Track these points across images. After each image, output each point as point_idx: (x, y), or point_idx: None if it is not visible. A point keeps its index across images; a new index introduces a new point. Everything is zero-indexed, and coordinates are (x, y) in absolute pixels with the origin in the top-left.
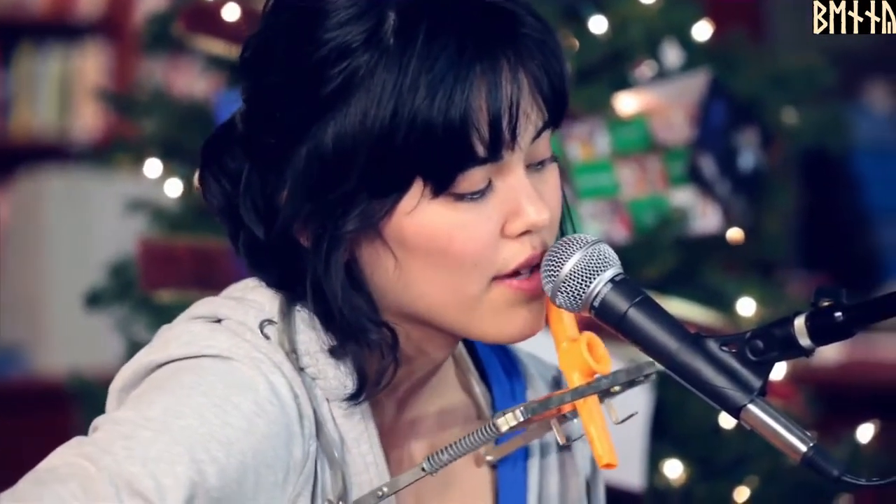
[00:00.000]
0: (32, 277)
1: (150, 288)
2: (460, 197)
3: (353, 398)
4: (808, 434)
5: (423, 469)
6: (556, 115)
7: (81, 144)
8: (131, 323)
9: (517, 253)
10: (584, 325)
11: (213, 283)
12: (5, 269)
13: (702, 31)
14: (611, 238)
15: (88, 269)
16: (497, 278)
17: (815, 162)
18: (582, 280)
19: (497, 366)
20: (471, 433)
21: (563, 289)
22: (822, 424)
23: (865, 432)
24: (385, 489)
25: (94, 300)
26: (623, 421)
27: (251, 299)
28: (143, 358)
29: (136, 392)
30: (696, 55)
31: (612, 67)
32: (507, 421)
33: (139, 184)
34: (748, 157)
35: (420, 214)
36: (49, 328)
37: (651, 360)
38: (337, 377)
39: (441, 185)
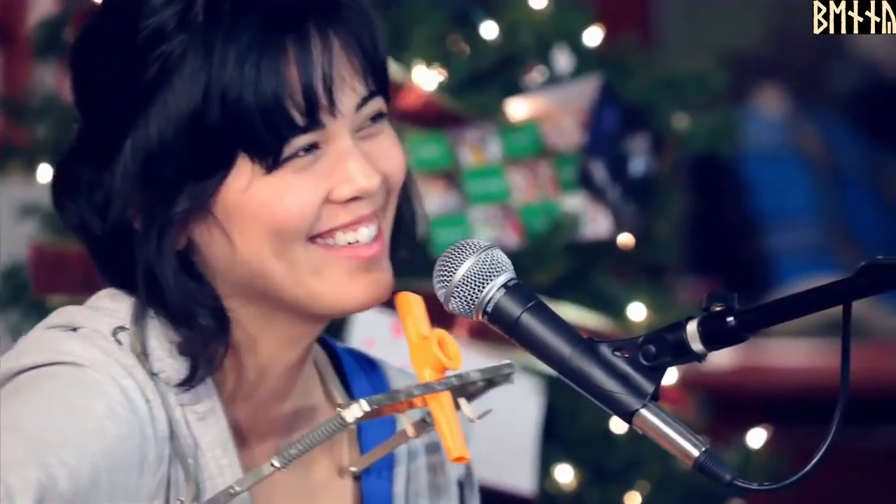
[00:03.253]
0: None
1: (42, 293)
2: (286, 166)
3: (186, 383)
4: (701, 439)
5: (273, 465)
6: (379, 83)
7: None
8: (23, 328)
9: (339, 216)
10: (477, 330)
11: (103, 287)
12: None
13: (592, 36)
14: (502, 243)
15: None
16: (313, 238)
17: (706, 167)
18: (475, 285)
19: (363, 379)
20: (318, 426)
21: (456, 294)
22: (714, 429)
23: (756, 437)
24: (237, 487)
25: None
26: (479, 418)
27: (105, 307)
28: None
29: None
30: (586, 60)
31: (503, 73)
32: (352, 412)
33: (31, 189)
34: (639, 163)
35: (252, 191)
36: None
37: (508, 360)
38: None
39: (268, 159)
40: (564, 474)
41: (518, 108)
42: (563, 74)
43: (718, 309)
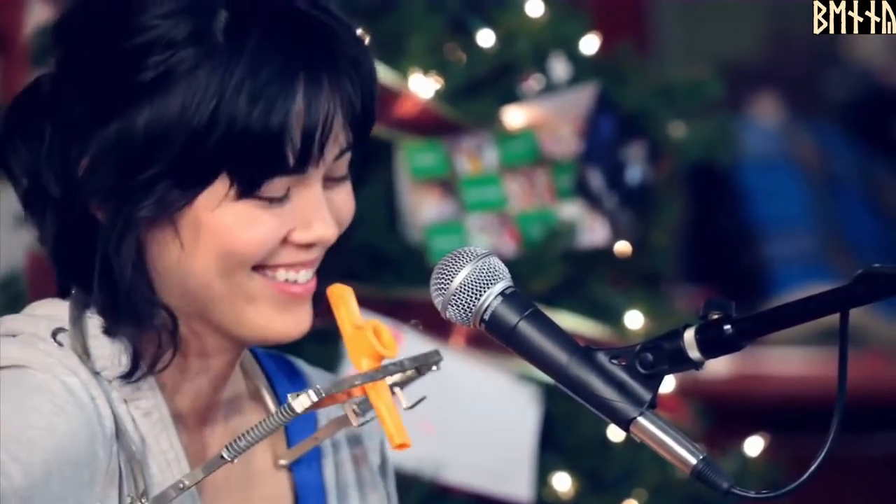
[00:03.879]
0: None
1: None
2: (258, 199)
3: (126, 377)
4: (698, 447)
5: (223, 457)
6: (360, 138)
7: None
8: None
9: (290, 256)
10: (474, 338)
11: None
12: None
13: (589, 44)
14: (499, 251)
15: None
16: (258, 268)
17: (703, 175)
18: (472, 293)
19: (284, 379)
20: (267, 417)
21: (454, 302)
22: (711, 438)
23: (754, 445)
24: (186, 482)
25: None
26: (412, 406)
27: (41, 313)
28: None
29: None
30: (583, 68)
31: (500, 81)
32: (301, 402)
33: None
34: (635, 171)
35: (219, 212)
36: None
37: (437, 348)
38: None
39: (247, 189)
40: (562, 483)
41: (515, 116)
42: (559, 82)
43: (715, 317)
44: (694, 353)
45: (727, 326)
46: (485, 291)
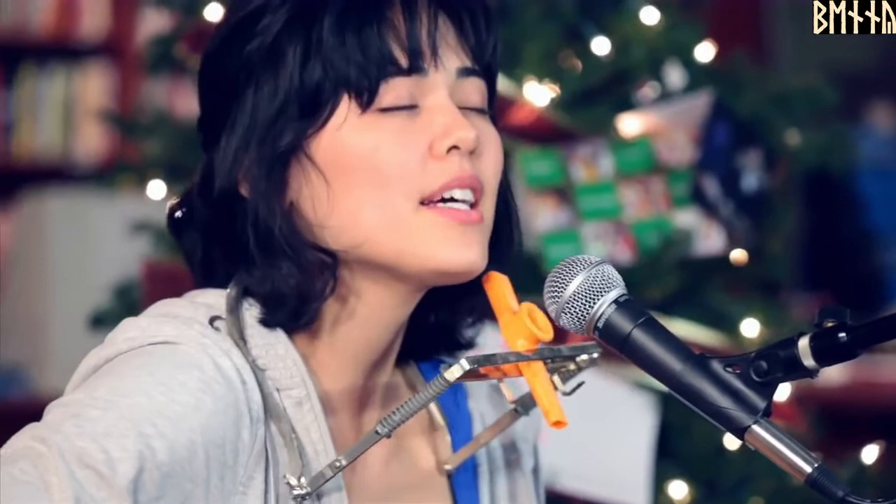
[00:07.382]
0: (35, 299)
1: None
2: (386, 111)
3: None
4: (813, 455)
5: (377, 432)
6: (483, 63)
7: (84, 166)
8: None
9: (444, 171)
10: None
11: None
12: (9, 290)
13: (704, 51)
14: (614, 259)
15: (91, 290)
16: (425, 203)
17: (819, 183)
18: (586, 301)
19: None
20: (420, 391)
21: (567, 310)
22: (826, 445)
23: (870, 453)
24: (343, 461)
25: (98, 321)
26: (571, 392)
27: (201, 301)
28: (91, 358)
29: (85, 382)
30: (698, 76)
31: (615, 89)
32: (453, 373)
33: (142, 205)
34: (751, 179)
35: (348, 130)
36: (51, 349)
37: (595, 342)
38: (286, 367)
39: (366, 97)
40: (678, 490)
41: (630, 124)
42: (674, 90)
43: (830, 325)
44: (808, 361)
45: (842, 334)
46: (598, 299)
